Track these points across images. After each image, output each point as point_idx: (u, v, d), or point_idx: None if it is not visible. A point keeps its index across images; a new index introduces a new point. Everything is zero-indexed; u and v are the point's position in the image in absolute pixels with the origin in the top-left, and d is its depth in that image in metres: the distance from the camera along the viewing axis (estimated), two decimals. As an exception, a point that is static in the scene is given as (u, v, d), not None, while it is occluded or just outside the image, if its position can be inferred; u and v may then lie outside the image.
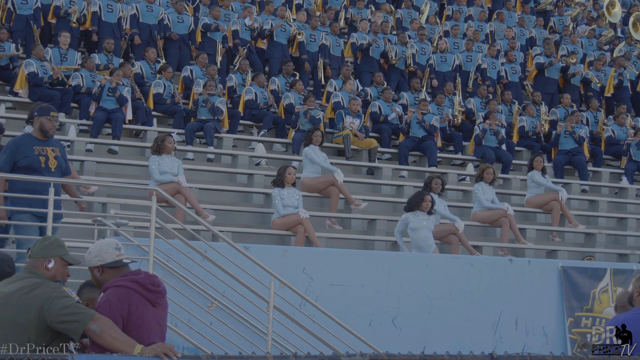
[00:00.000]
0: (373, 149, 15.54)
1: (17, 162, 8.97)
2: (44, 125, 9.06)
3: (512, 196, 15.90)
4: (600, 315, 11.95)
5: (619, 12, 23.28)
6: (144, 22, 16.35)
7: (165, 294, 5.28)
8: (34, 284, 4.94)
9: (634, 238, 15.80)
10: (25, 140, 9.12)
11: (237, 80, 16.02)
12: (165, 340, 5.21)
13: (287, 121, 15.59)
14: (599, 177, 17.45)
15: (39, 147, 9.04)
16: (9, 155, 8.98)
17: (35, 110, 9.28)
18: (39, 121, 9.07)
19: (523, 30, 21.02)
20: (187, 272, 9.44)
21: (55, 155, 9.12)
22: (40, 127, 9.07)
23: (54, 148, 9.16)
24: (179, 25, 16.58)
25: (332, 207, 13.51)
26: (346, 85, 16.35)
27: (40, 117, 9.06)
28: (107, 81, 14.02)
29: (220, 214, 12.67)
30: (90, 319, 4.79)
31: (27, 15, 15.45)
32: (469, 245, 12.95)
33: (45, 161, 9.04)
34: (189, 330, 9.24)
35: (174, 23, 16.57)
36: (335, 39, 17.73)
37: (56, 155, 9.14)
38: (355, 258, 10.84)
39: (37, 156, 8.99)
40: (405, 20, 20.22)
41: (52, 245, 5.17)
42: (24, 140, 9.14)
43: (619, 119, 18.17)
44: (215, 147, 14.72)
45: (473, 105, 17.54)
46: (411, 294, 10.75)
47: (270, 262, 9.70)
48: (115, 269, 5.21)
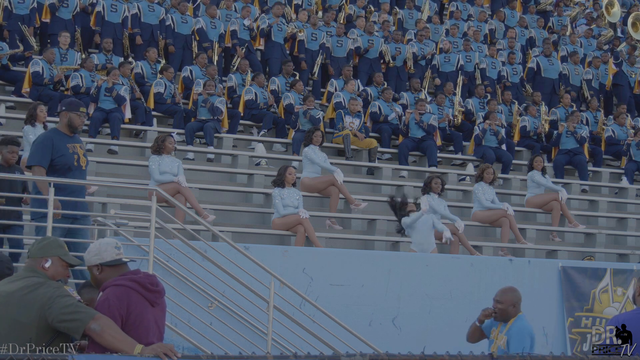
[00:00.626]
0: (373, 149, 15.54)
1: (53, 160, 8.61)
2: (73, 120, 8.69)
3: (512, 196, 15.90)
4: (600, 315, 11.94)
5: (618, 12, 23.28)
6: (145, 22, 16.34)
7: (163, 294, 5.28)
8: (36, 284, 4.94)
9: (634, 238, 15.81)
10: (57, 137, 8.69)
11: (237, 80, 16.02)
12: (164, 341, 5.21)
13: (287, 121, 15.59)
14: (599, 177, 17.46)
15: (70, 144, 8.70)
16: (47, 152, 8.57)
17: (63, 105, 8.93)
18: (67, 116, 8.69)
19: (524, 31, 21.01)
20: (187, 272, 9.44)
21: (83, 153, 8.83)
22: (69, 122, 8.69)
23: (80, 145, 8.86)
24: (182, 25, 16.55)
25: (332, 207, 13.51)
26: (348, 85, 16.35)
27: (69, 113, 8.69)
28: (103, 81, 14.03)
29: (220, 214, 12.67)
30: (91, 318, 4.79)
31: (24, 15, 15.44)
32: (469, 245, 12.95)
33: (77, 159, 8.73)
34: (189, 330, 9.23)
35: (178, 23, 16.54)
36: (338, 39, 17.71)
37: (84, 152, 8.86)
38: (355, 258, 10.84)
39: (71, 155, 8.67)
40: (406, 21, 20.22)
41: (50, 245, 5.17)
42: (56, 136, 8.72)
43: (619, 119, 18.17)
44: (215, 147, 14.72)
45: (472, 105, 17.54)
46: (411, 294, 10.75)
47: (270, 262, 9.70)
48: (115, 268, 5.22)
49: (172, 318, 8.88)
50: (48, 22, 15.80)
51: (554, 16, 22.74)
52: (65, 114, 8.75)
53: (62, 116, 8.79)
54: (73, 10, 15.80)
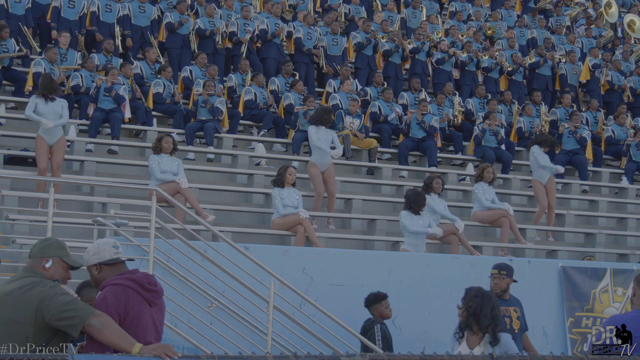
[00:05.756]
0: (373, 149, 15.54)
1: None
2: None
3: (512, 196, 15.90)
4: (601, 315, 11.94)
5: (615, 12, 23.29)
6: (135, 24, 16.31)
7: (162, 294, 5.29)
8: (31, 283, 4.95)
9: (634, 238, 15.81)
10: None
11: (237, 80, 16.02)
12: (164, 341, 5.22)
13: (287, 121, 15.59)
14: (599, 177, 17.45)
15: None
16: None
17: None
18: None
19: (523, 31, 21.00)
20: (187, 272, 9.44)
21: None
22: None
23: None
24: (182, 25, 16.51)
25: (329, 207, 13.50)
26: (344, 85, 16.32)
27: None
28: (102, 81, 14.02)
29: (220, 214, 12.66)
30: (90, 314, 4.80)
31: (20, 15, 15.44)
32: (469, 245, 12.95)
33: None
34: (189, 330, 9.24)
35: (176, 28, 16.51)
36: (333, 38, 17.71)
37: None
38: (355, 258, 10.85)
39: None
40: (409, 20, 20.22)
41: (52, 246, 5.18)
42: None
43: (619, 119, 18.16)
44: (215, 147, 14.72)
45: (472, 105, 17.54)
46: (411, 294, 10.75)
47: (270, 262, 9.70)
48: (113, 267, 5.23)
49: (172, 318, 8.88)
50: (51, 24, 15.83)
51: (552, 16, 22.75)
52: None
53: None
54: (80, 11, 15.79)
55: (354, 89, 16.50)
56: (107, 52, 15.29)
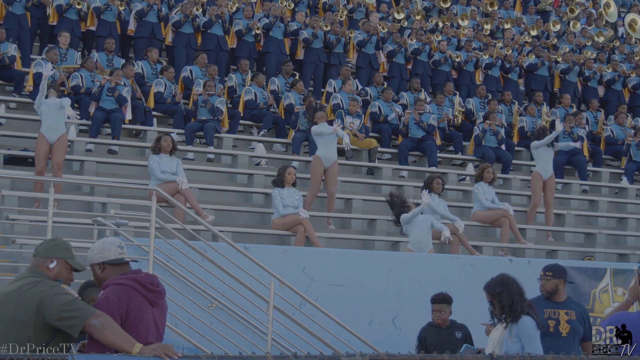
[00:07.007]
0: (373, 149, 15.54)
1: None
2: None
3: (512, 196, 15.89)
4: (601, 316, 11.93)
5: (615, 13, 23.28)
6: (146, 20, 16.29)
7: (164, 294, 5.28)
8: (32, 282, 4.94)
9: (634, 238, 15.80)
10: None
11: (237, 80, 16.02)
12: (164, 341, 5.21)
13: (287, 121, 15.59)
14: (599, 177, 17.45)
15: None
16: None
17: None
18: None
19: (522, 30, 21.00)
20: (187, 272, 9.44)
21: None
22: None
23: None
24: (186, 24, 16.50)
25: (329, 207, 13.50)
26: (345, 85, 16.33)
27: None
28: (106, 81, 14.02)
29: (220, 214, 12.67)
30: (91, 314, 4.79)
31: (19, 14, 15.42)
32: (469, 245, 12.95)
33: None
34: (189, 330, 9.24)
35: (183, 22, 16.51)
36: (335, 37, 17.70)
37: None
38: (355, 258, 10.85)
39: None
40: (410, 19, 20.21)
41: (57, 246, 5.16)
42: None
43: (618, 118, 18.16)
44: (215, 147, 14.72)
45: (472, 105, 17.54)
46: (411, 294, 10.74)
47: (270, 262, 9.70)
48: (116, 267, 5.22)
49: (172, 318, 8.88)
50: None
51: (551, 16, 22.74)
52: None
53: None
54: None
55: (354, 88, 16.51)
56: (109, 51, 15.29)
